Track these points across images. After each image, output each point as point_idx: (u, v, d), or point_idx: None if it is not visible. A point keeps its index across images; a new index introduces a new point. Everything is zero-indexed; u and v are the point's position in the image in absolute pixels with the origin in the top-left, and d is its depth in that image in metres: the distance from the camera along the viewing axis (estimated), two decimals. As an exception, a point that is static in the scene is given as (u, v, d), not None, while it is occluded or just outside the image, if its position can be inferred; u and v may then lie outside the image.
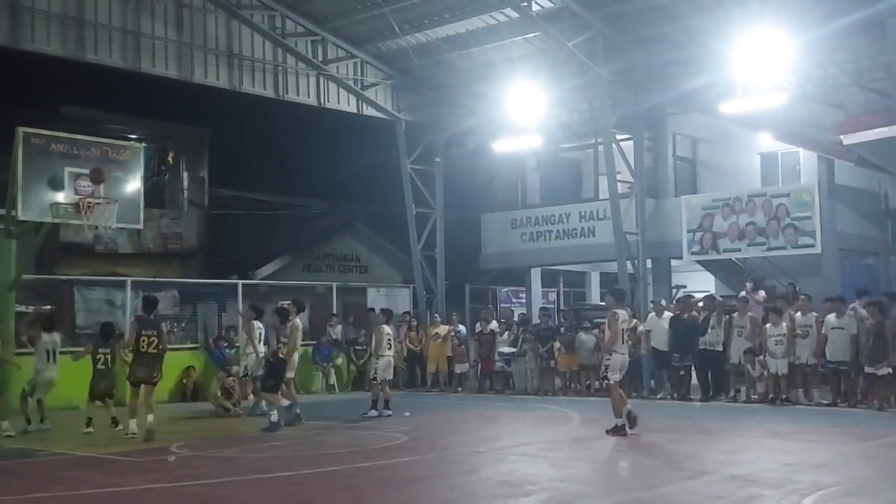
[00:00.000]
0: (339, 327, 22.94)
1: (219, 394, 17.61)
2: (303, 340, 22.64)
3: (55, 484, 9.80)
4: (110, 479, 10.04)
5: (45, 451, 12.29)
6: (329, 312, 23.52)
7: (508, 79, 21.97)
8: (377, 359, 16.53)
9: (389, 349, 16.65)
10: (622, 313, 13.20)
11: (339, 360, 22.61)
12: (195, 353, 20.92)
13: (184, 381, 20.10)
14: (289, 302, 15.96)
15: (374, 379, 16.40)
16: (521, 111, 21.97)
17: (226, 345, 20.63)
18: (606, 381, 13.35)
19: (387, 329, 16.81)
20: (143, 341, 13.59)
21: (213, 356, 20.48)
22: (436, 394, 21.22)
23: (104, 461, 11.39)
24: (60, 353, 15.54)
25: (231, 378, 17.70)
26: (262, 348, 16.37)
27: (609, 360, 13.11)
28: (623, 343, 13.23)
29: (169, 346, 16.77)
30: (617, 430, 12.75)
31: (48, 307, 22.20)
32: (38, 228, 16.63)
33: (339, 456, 11.60)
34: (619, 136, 22.41)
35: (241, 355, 17.53)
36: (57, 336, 15.53)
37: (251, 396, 16.99)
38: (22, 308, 18.33)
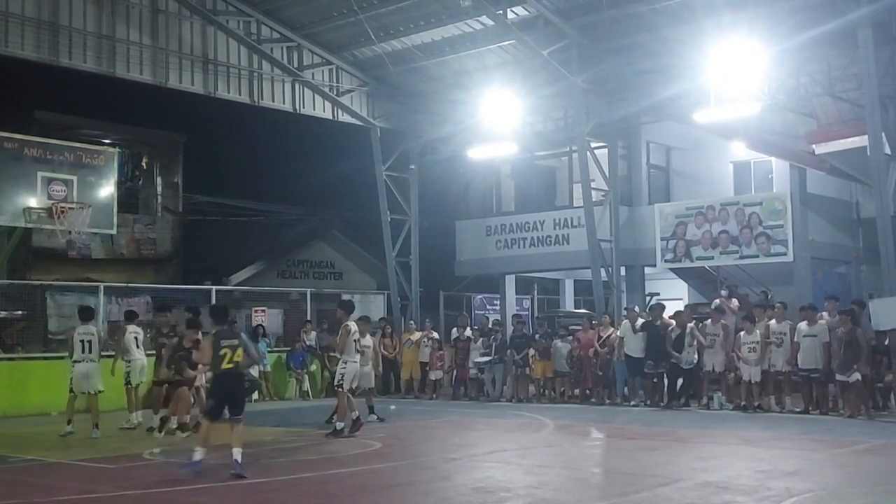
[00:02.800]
0: (313, 334, 22.88)
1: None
2: (277, 346, 22.76)
3: (28, 490, 9.72)
4: (84, 485, 9.97)
5: (17, 457, 12.16)
6: (303, 319, 23.48)
7: (484, 86, 22.07)
8: (344, 364, 14.18)
9: (359, 354, 14.33)
10: (353, 325, 14.03)
11: (314, 367, 22.55)
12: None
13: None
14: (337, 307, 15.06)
15: (339, 386, 14.10)
16: (496, 119, 22.08)
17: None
18: (340, 389, 13.97)
19: (353, 327, 14.24)
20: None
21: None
22: (410, 400, 21.21)
23: (77, 467, 11.30)
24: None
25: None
26: (139, 354, 15.59)
27: (344, 368, 13.92)
28: (356, 352, 14.02)
29: (150, 353, 16.57)
30: (337, 433, 13.50)
31: (20, 312, 22.09)
32: (10, 233, 16.53)
33: (313, 462, 11.58)
34: (593, 144, 22.55)
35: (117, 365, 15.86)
36: (93, 327, 15.25)
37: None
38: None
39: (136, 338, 15.70)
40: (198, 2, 21.36)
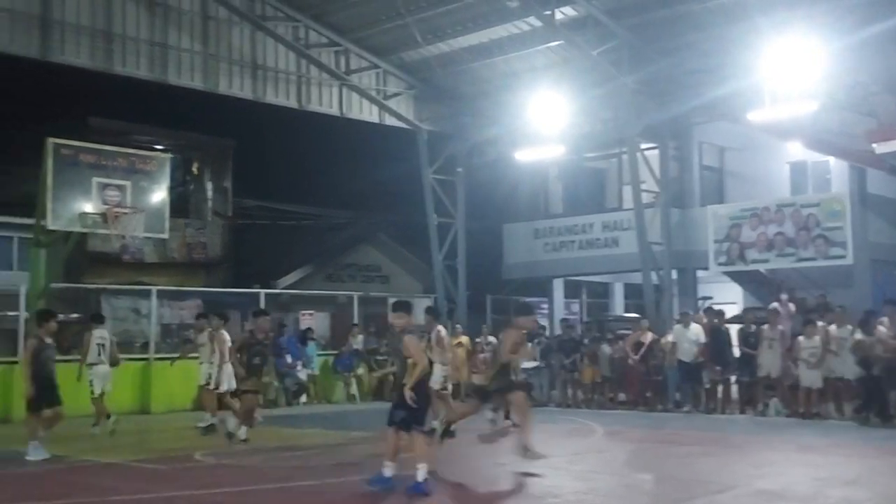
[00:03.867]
0: (360, 337, 22.92)
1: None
2: (325, 350, 22.84)
3: (84, 491, 9.84)
4: (137, 486, 10.06)
5: (72, 457, 12.34)
6: (350, 322, 23.54)
7: (531, 88, 21.95)
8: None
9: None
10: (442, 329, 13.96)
11: (361, 370, 22.60)
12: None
13: (207, 390, 20.09)
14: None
15: (444, 388, 14.07)
16: (544, 120, 21.92)
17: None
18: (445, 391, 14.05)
19: (442, 331, 14.27)
20: None
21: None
22: (457, 403, 21.09)
23: (130, 468, 11.42)
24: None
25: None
26: (101, 360, 15.25)
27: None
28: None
29: (190, 356, 16.81)
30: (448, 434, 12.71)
31: (75, 315, 22.48)
32: (66, 238, 16.79)
33: (362, 465, 11.56)
34: (643, 146, 22.31)
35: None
36: (106, 331, 15.45)
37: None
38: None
39: (100, 344, 15.18)
40: (247, 8, 21.57)
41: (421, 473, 9.15)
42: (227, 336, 14.92)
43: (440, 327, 14.24)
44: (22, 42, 18.38)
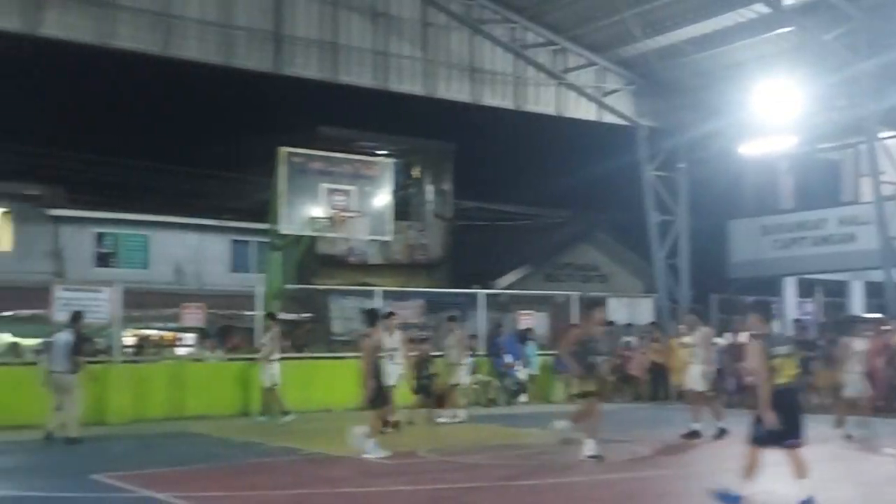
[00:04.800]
0: (581, 337, 22.68)
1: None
2: (544, 350, 22.83)
3: (315, 482, 10.34)
4: (362, 479, 10.44)
5: (304, 449, 12.99)
6: (569, 323, 23.36)
7: (758, 78, 20.95)
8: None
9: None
10: None
11: (581, 371, 22.34)
12: (440, 361, 21.39)
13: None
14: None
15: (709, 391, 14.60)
16: (772, 111, 20.88)
17: (469, 353, 20.98)
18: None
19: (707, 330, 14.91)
20: None
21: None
22: (681, 407, 20.48)
23: (357, 461, 11.86)
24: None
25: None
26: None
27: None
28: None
29: (412, 355, 17.34)
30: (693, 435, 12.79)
31: (307, 315, 23.77)
32: (298, 241, 17.74)
33: (582, 467, 11.43)
34: (882, 134, 20.77)
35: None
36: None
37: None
38: (284, 316, 19.64)
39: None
40: (465, 12, 21.96)
41: (805, 490, 8.54)
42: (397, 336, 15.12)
43: (705, 328, 14.60)
44: (257, 57, 19.63)
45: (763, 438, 8.58)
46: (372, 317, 13.12)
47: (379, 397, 12.35)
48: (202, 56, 19.14)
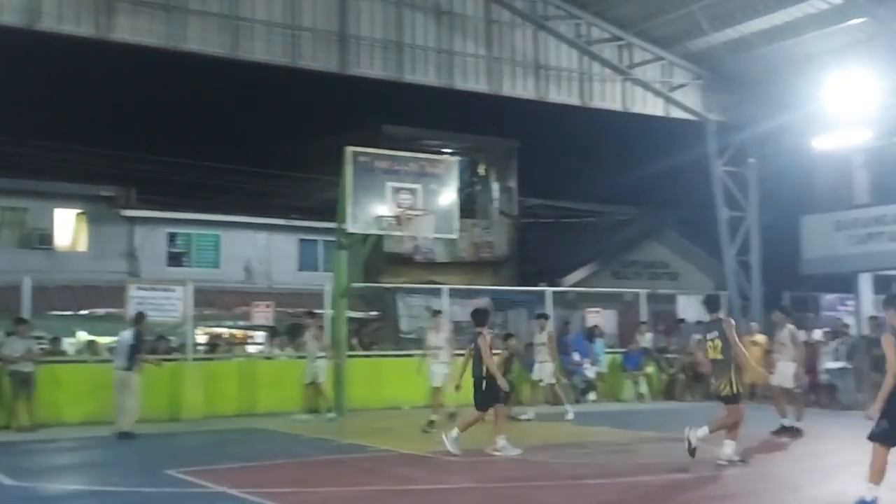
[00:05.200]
0: (648, 335, 22.50)
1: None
2: (612, 348, 22.61)
3: (385, 479, 10.42)
4: (433, 476, 10.50)
5: (374, 447, 13.10)
6: (638, 320, 23.16)
7: (830, 70, 20.45)
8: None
9: None
10: None
11: (650, 369, 22.16)
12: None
13: (497, 385, 20.57)
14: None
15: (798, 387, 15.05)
16: (846, 104, 20.37)
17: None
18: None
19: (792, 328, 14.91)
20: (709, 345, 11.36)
21: (524, 362, 20.84)
22: (752, 405, 20.13)
23: (427, 459, 11.92)
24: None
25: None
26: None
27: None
28: None
29: (496, 352, 17.29)
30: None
31: (375, 313, 23.93)
32: (364, 240, 17.87)
33: (653, 466, 11.32)
34: (962, 126, 20.10)
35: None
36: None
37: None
38: (352, 314, 19.83)
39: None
40: (529, 9, 21.88)
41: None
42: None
43: (791, 326, 14.60)
44: (323, 58, 19.84)
45: (882, 435, 8.28)
46: (483, 316, 12.76)
47: (499, 395, 12.25)
48: (269, 57, 19.42)
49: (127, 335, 14.91)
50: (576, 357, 20.99)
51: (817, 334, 20.02)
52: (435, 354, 16.14)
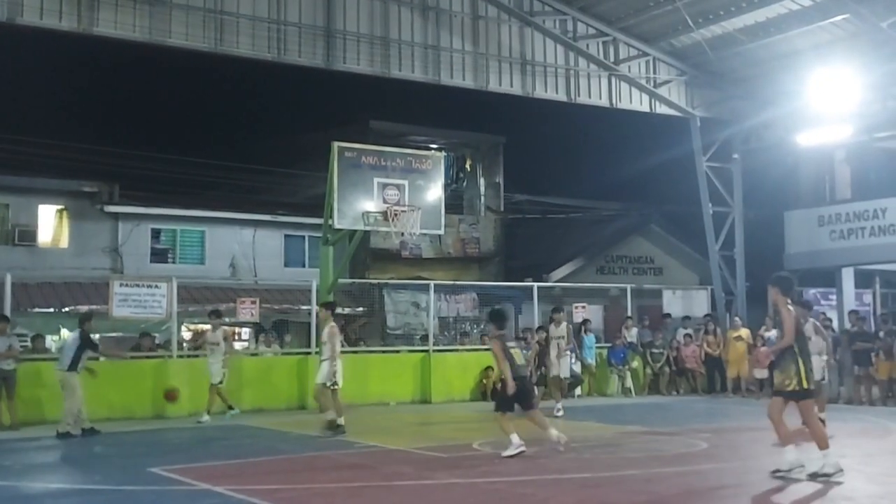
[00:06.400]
0: (634, 330, 22.62)
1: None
2: (598, 343, 22.67)
3: (371, 475, 10.42)
4: (419, 472, 10.51)
5: (361, 443, 13.11)
6: (623, 315, 23.26)
7: (813, 67, 20.58)
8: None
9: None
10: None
11: (635, 363, 22.27)
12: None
13: (483, 381, 20.67)
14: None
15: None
16: (828, 100, 20.51)
17: (524, 346, 21.02)
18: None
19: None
20: None
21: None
22: (737, 399, 20.28)
23: (413, 455, 11.94)
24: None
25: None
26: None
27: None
28: None
29: (470, 348, 17.37)
30: None
31: (361, 309, 23.88)
32: (351, 236, 17.85)
33: (638, 460, 11.37)
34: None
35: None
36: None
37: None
38: (338, 310, 19.74)
39: None
40: (516, 5, 21.90)
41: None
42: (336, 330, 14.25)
43: (813, 319, 14.52)
44: (309, 53, 19.78)
45: None
46: (498, 318, 12.16)
47: (510, 401, 11.70)
48: (254, 52, 19.35)
49: (73, 335, 14.76)
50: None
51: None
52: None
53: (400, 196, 17.24)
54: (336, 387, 13.92)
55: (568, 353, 17.49)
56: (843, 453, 11.93)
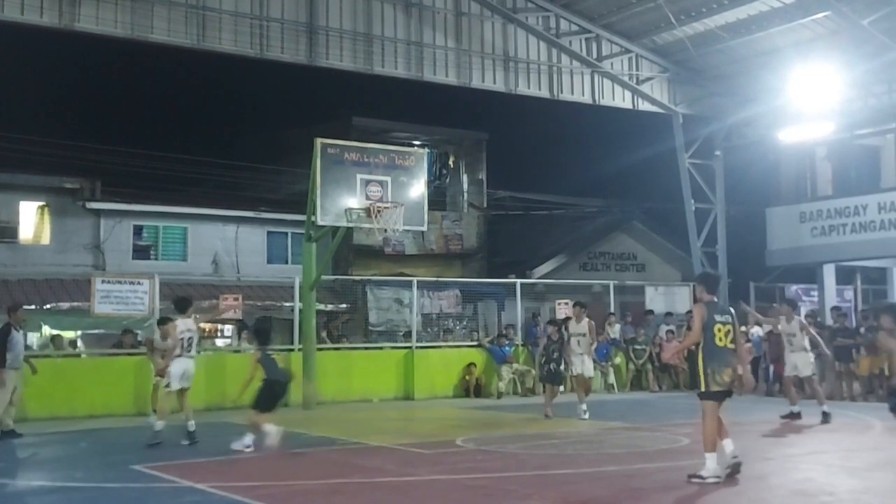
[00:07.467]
0: (617, 326, 22.70)
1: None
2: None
3: (354, 471, 10.42)
4: (402, 468, 10.52)
5: (343, 439, 13.10)
6: (606, 311, 23.34)
7: (794, 64, 20.70)
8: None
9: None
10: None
11: (618, 360, 22.35)
12: (477, 351, 21.45)
13: (466, 377, 20.71)
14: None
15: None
16: (809, 97, 20.64)
17: (507, 342, 21.12)
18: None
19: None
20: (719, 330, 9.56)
21: (494, 353, 20.99)
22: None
23: (396, 451, 11.95)
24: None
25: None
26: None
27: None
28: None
29: (453, 345, 17.32)
30: None
31: (344, 306, 23.81)
32: (334, 232, 17.82)
33: (619, 456, 11.43)
34: (923, 119, 20.44)
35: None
36: (192, 322, 13.50)
37: None
38: (321, 307, 19.71)
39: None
40: (498, 2, 21.92)
41: None
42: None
43: (799, 317, 15.07)
44: (291, 49, 19.74)
45: None
46: (263, 334, 12.78)
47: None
48: (237, 48, 19.28)
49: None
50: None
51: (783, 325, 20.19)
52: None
53: (383, 192, 17.22)
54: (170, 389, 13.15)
55: (593, 353, 16.78)
56: (825, 448, 12.06)
